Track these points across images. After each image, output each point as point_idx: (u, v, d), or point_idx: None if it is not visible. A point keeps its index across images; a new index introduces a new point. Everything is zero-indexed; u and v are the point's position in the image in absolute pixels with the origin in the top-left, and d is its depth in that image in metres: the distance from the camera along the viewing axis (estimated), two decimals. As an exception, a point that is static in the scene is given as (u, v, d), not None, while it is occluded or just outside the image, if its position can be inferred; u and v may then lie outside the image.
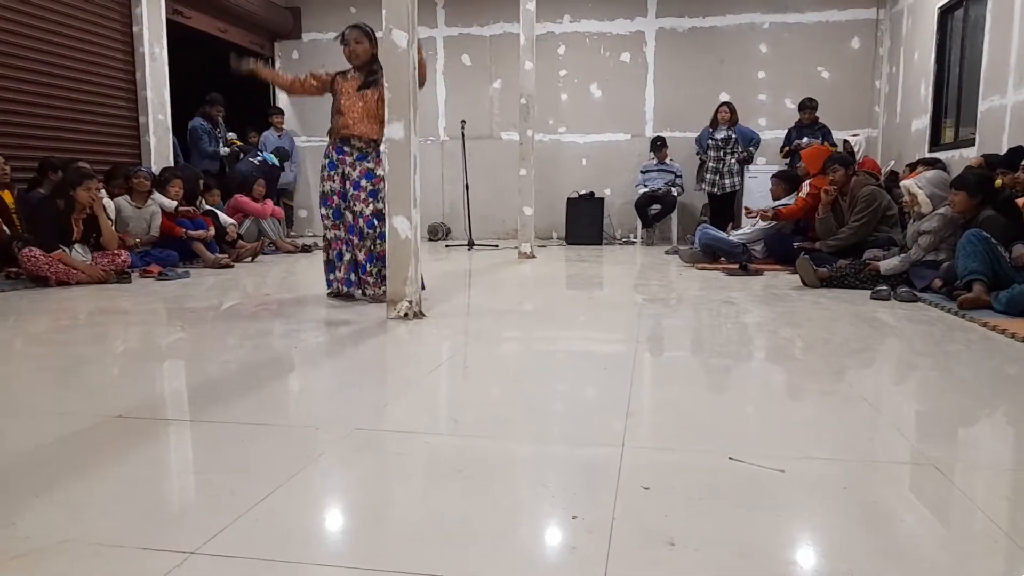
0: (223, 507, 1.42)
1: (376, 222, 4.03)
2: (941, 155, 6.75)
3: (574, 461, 1.72)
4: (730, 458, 1.69)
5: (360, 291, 4.18)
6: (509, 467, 1.68)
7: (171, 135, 7.51)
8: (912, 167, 5.92)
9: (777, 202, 6.16)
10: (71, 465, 1.66)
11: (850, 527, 1.36)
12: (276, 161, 8.12)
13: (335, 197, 4.11)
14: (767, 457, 1.69)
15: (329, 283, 4.26)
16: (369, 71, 4.08)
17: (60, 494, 1.49)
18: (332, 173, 4.11)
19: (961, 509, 1.45)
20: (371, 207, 4.03)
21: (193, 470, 1.71)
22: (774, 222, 5.94)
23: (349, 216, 4.09)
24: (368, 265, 4.09)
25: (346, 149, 4.07)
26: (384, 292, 3.78)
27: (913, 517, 1.42)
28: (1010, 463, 1.75)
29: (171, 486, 1.58)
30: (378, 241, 4.01)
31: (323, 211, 4.18)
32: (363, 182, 4.05)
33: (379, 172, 4.05)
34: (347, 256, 4.14)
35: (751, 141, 7.96)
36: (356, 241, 4.10)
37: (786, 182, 6.23)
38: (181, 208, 5.95)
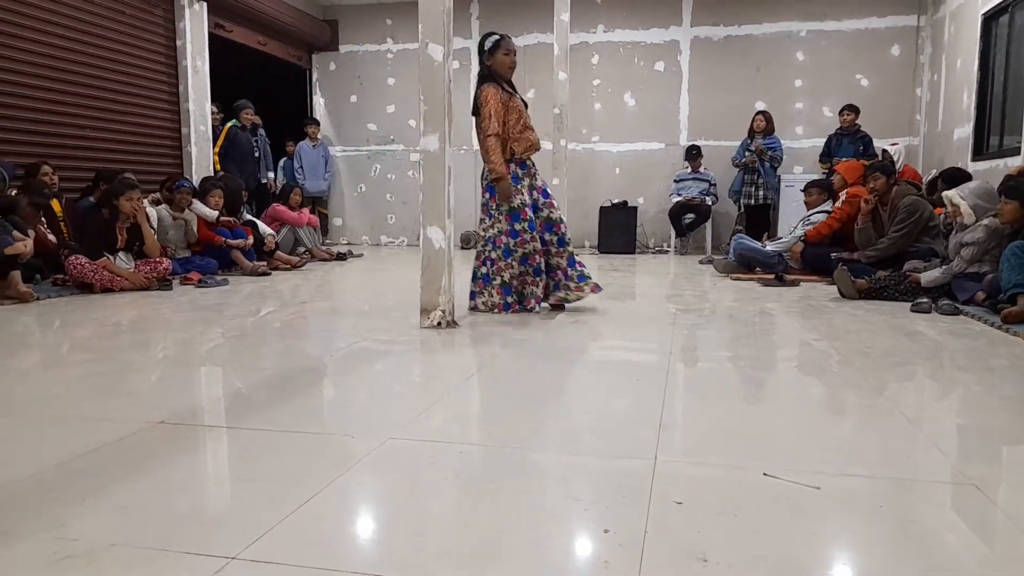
0: (262, 514, 1.45)
1: (562, 226, 4.15)
2: (984, 164, 6.61)
3: (606, 473, 1.72)
4: (764, 474, 1.68)
5: (560, 295, 4.18)
6: (541, 479, 1.69)
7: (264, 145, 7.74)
8: (932, 183, 5.76)
9: (810, 212, 6.07)
10: (116, 470, 1.71)
11: (886, 546, 1.35)
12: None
13: (528, 210, 4.02)
14: (802, 473, 1.68)
15: (520, 296, 4.09)
16: (514, 87, 4.20)
17: (107, 499, 1.54)
18: (520, 187, 4.03)
19: (1003, 530, 1.42)
20: (557, 212, 4.16)
21: (232, 476, 1.75)
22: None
23: (540, 227, 4.09)
24: (570, 270, 4.15)
25: (528, 163, 4.12)
26: (593, 287, 4.16)
27: (953, 537, 1.39)
28: (1055, 484, 1.71)
29: (212, 492, 1.62)
30: (565, 247, 4.14)
31: (516, 226, 4.00)
32: (548, 188, 4.22)
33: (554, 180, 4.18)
34: (543, 271, 4.08)
35: (771, 149, 7.82)
36: (554, 249, 4.13)
37: (821, 190, 6.15)
38: (222, 218, 6.09)
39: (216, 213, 6.06)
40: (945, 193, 4.58)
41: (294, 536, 1.37)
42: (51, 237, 5.14)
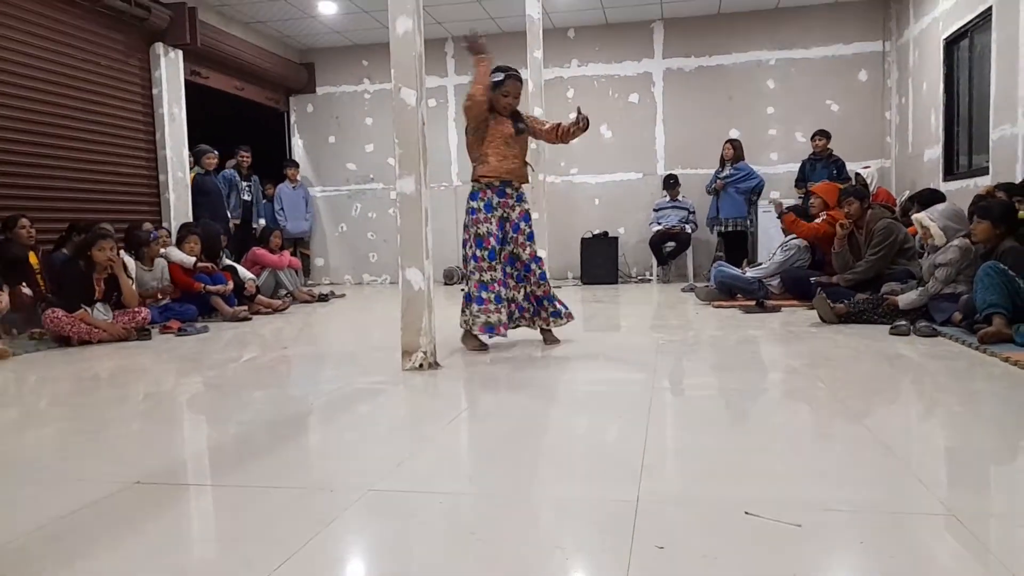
0: (237, 578, 1.43)
1: (533, 265, 4.13)
2: (955, 184, 6.73)
3: (589, 518, 1.71)
4: (746, 513, 1.67)
5: (534, 326, 4.21)
6: (523, 526, 1.67)
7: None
8: (909, 204, 5.86)
9: (788, 238, 6.13)
10: (91, 535, 1.68)
11: (869, 586, 1.34)
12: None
13: (491, 239, 4.04)
14: (784, 509, 1.67)
15: (491, 328, 4.03)
16: (516, 116, 4.20)
17: (80, 566, 1.51)
18: (489, 216, 4.05)
19: (982, 564, 1.42)
20: (528, 249, 4.13)
21: (209, 537, 1.71)
22: (791, 250, 5.93)
23: (506, 259, 4.11)
24: (545, 302, 4.17)
25: (508, 191, 4.10)
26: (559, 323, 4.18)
27: (931, 574, 1.39)
28: (1035, 510, 1.71)
29: (187, 555, 1.59)
30: (540, 282, 4.14)
31: (479, 252, 4.04)
32: (522, 224, 4.14)
33: (532, 213, 4.21)
34: (505, 298, 4.07)
35: (743, 178, 7.91)
36: (513, 283, 4.14)
37: (796, 215, 6.21)
38: (199, 264, 6.05)
39: (192, 259, 6.03)
40: (915, 216, 4.66)
41: (270, 601, 1.34)
42: (26, 291, 5.08)
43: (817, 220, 5.94)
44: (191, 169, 7.64)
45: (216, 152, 7.72)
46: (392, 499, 1.86)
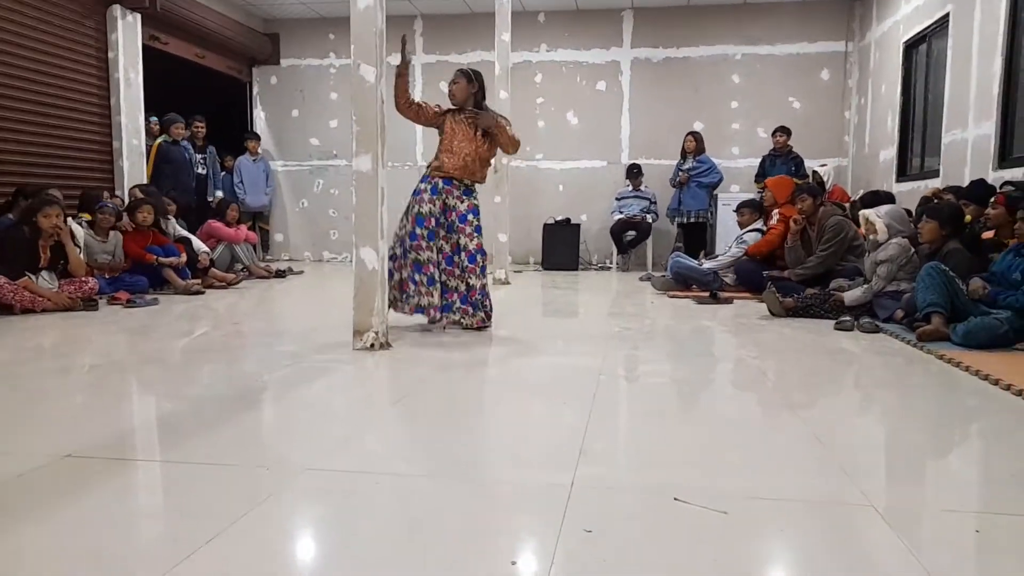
0: (164, 554, 1.42)
1: (478, 257, 4.11)
2: (907, 185, 6.91)
3: (522, 501, 1.73)
4: (675, 499, 1.71)
5: (457, 318, 4.16)
6: (457, 509, 1.69)
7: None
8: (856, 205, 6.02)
9: (744, 231, 6.24)
10: (13, 509, 1.64)
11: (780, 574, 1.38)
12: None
13: (432, 220, 4.07)
14: (713, 497, 1.72)
15: (421, 310, 4.12)
16: (473, 112, 4.17)
17: (2, 538, 1.48)
18: (434, 198, 4.08)
19: (892, 553, 1.47)
20: (475, 241, 4.11)
21: (136, 513, 1.69)
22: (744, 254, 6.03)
23: (446, 246, 4.12)
24: (475, 297, 4.13)
25: (454, 182, 4.12)
26: (479, 321, 4.14)
27: (841, 562, 1.44)
28: (951, 502, 1.78)
29: (113, 532, 1.57)
30: (481, 275, 4.12)
31: (418, 230, 4.06)
32: (470, 216, 4.12)
33: (480, 209, 4.20)
34: (437, 280, 4.10)
35: (705, 172, 8.00)
36: (455, 272, 4.13)
37: (753, 209, 6.32)
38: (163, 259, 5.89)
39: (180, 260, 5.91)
40: (861, 212, 4.79)
41: (193, 577, 1.33)
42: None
43: (772, 221, 6.03)
44: (158, 137, 7.45)
45: (183, 121, 7.54)
46: (327, 479, 1.86)
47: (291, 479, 1.83)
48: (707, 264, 6.27)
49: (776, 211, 6.07)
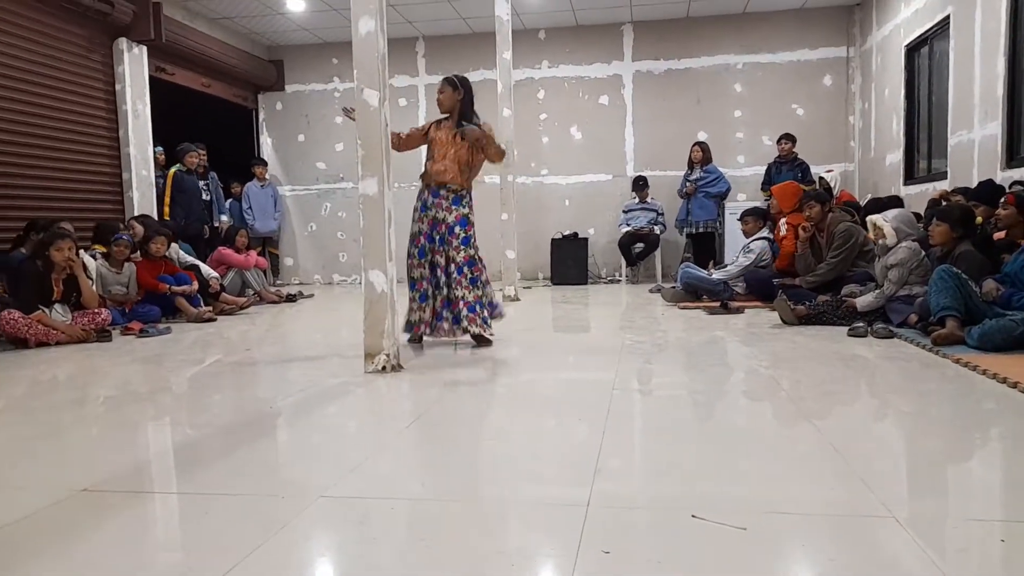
0: (179, 588, 1.41)
1: (466, 268, 4.16)
2: (915, 188, 6.87)
3: (538, 522, 1.72)
4: (693, 516, 1.69)
5: (454, 331, 4.20)
6: (472, 532, 1.68)
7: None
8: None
9: (750, 240, 6.22)
10: (31, 546, 1.65)
11: (807, 588, 1.37)
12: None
13: (422, 238, 4.21)
14: (731, 512, 1.70)
15: (409, 325, 4.29)
16: (460, 119, 4.24)
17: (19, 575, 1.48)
18: (423, 215, 4.23)
19: (918, 565, 1.45)
20: (462, 254, 4.15)
21: (153, 547, 1.69)
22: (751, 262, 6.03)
23: (440, 260, 4.18)
24: (456, 309, 4.17)
25: (442, 192, 4.21)
26: (488, 332, 4.20)
27: (870, 575, 1.42)
28: (975, 511, 1.76)
29: (128, 565, 1.56)
30: (470, 287, 4.15)
31: (411, 249, 4.25)
32: (457, 228, 4.17)
33: (472, 217, 4.24)
34: (431, 297, 4.21)
35: (713, 182, 7.96)
36: (445, 283, 4.19)
37: (757, 217, 6.31)
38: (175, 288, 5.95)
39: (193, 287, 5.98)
40: (869, 217, 4.76)
41: (211, 611, 1.33)
42: (-19, 292, 4.97)
43: (781, 232, 5.99)
44: (172, 166, 7.54)
45: (197, 150, 7.63)
46: (342, 506, 1.85)
47: (305, 507, 1.82)
48: (716, 274, 6.25)
49: (783, 221, 6.04)
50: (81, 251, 5.33)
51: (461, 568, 1.49)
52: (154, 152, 7.60)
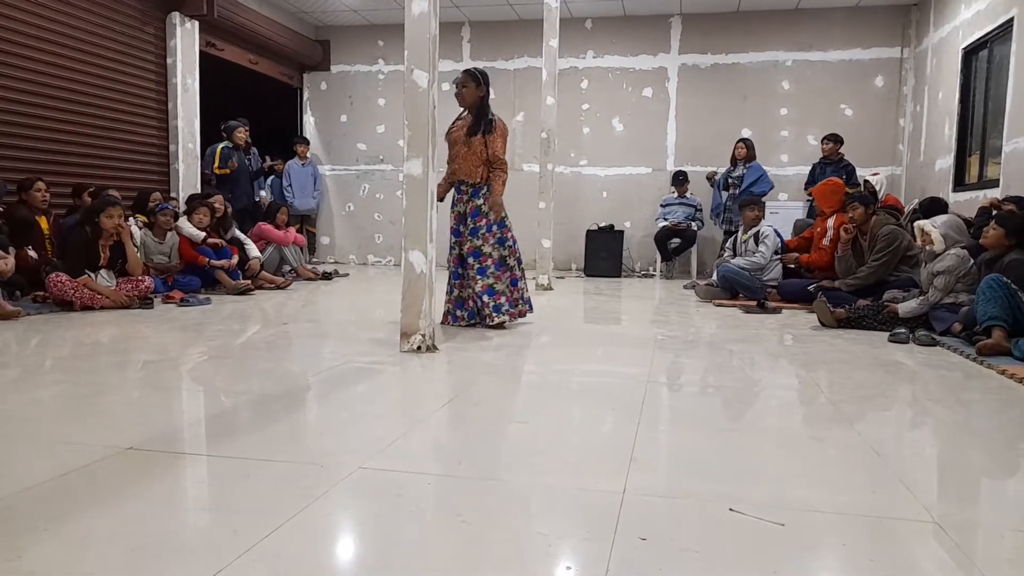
0: (224, 546, 1.45)
1: (471, 259, 4.31)
2: (965, 195, 6.71)
3: (574, 507, 1.73)
4: (731, 509, 1.68)
5: (475, 321, 4.41)
6: (509, 512, 1.69)
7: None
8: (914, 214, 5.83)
9: (758, 227, 6.20)
10: (79, 498, 1.70)
11: (846, 587, 1.35)
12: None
13: (450, 232, 4.47)
14: (769, 508, 1.69)
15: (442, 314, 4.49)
16: (479, 117, 4.32)
17: (67, 527, 1.53)
18: (452, 211, 4.46)
19: (965, 571, 1.43)
20: (467, 244, 4.33)
21: (197, 507, 1.73)
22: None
23: (464, 251, 4.38)
24: (485, 297, 4.31)
25: (462, 188, 4.40)
26: (499, 319, 4.29)
27: (912, 578, 1.40)
28: (1017, 522, 1.72)
29: (174, 523, 1.61)
30: (478, 276, 4.29)
31: (450, 240, 4.51)
32: (469, 219, 4.35)
33: (484, 208, 4.33)
34: (456, 287, 4.44)
35: (754, 183, 7.81)
36: (464, 275, 4.39)
37: (757, 206, 6.41)
38: (209, 240, 6.06)
39: (202, 234, 6.04)
40: (917, 222, 4.65)
41: (254, 571, 1.36)
42: (32, 253, 5.10)
43: (825, 240, 5.86)
44: (221, 144, 7.67)
45: (245, 126, 7.75)
46: (381, 478, 1.88)
47: (344, 476, 1.85)
48: (738, 261, 6.14)
49: (831, 221, 5.85)
50: (130, 219, 5.45)
51: (499, 546, 1.50)
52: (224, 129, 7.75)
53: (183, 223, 6.05)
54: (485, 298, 4.30)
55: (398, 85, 9.47)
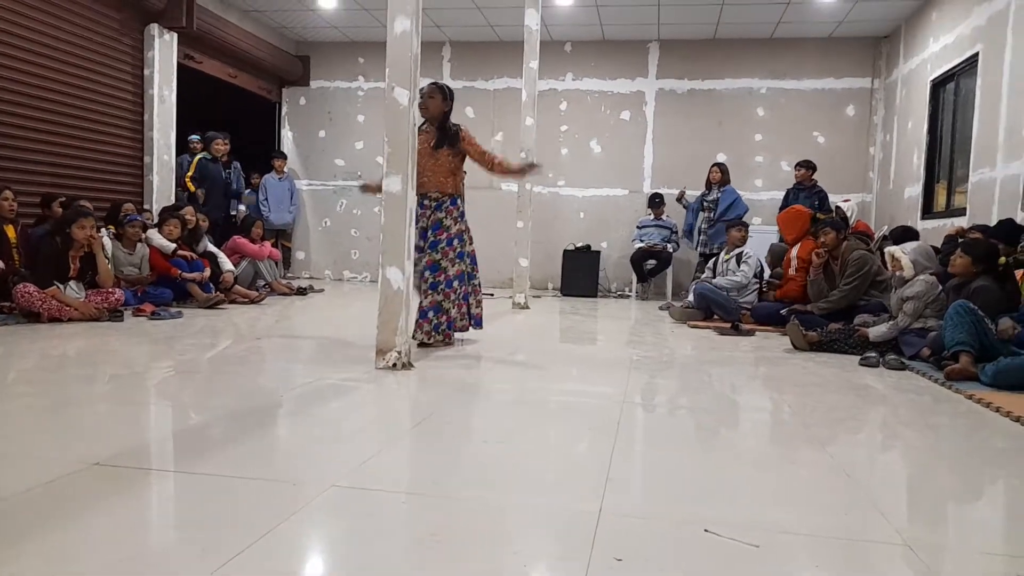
0: (192, 566, 1.41)
1: (427, 273, 4.21)
2: (932, 223, 6.86)
3: (550, 527, 1.72)
4: (706, 530, 1.69)
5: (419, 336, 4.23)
6: (484, 531, 1.68)
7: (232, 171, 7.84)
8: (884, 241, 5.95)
9: (740, 250, 6.30)
10: (45, 515, 1.65)
11: (820, 609, 1.36)
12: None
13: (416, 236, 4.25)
14: (743, 529, 1.69)
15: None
16: (443, 129, 4.28)
17: (31, 545, 1.49)
18: (417, 226, 4.23)
19: (933, 593, 1.44)
20: (425, 258, 4.23)
21: (165, 524, 1.70)
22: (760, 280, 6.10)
23: (420, 266, 4.26)
24: (431, 313, 4.21)
25: (425, 202, 4.28)
26: (434, 339, 4.21)
27: (884, 600, 1.41)
28: (985, 545, 1.74)
29: (141, 541, 1.57)
30: (430, 291, 4.19)
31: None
32: (429, 233, 4.25)
33: (447, 222, 4.25)
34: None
35: (729, 206, 7.91)
36: (425, 288, 4.27)
37: (742, 226, 6.53)
38: (179, 251, 6.00)
39: (172, 245, 5.97)
40: (888, 248, 4.75)
41: (223, 590, 1.33)
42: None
43: (790, 270, 5.96)
44: (198, 153, 7.61)
45: (224, 138, 7.70)
46: (355, 496, 1.86)
47: (318, 494, 1.83)
48: (719, 281, 6.23)
49: (794, 251, 5.95)
50: (102, 230, 5.37)
51: (474, 565, 1.49)
52: (188, 141, 7.69)
53: (153, 234, 5.98)
54: (430, 315, 4.23)
55: (377, 102, 9.49)
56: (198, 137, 7.79)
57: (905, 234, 5.50)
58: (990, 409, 3.16)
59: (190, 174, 7.51)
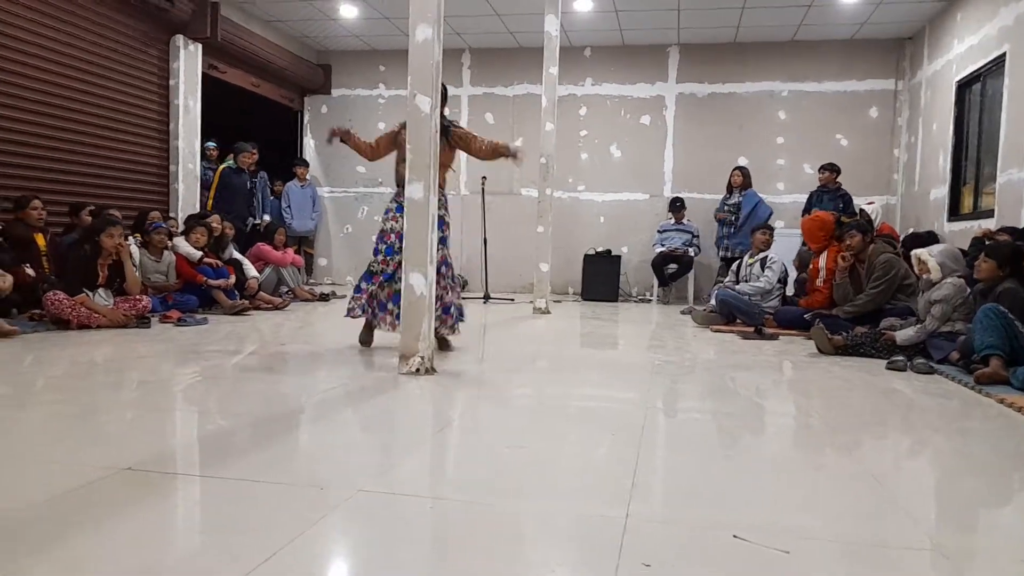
0: (222, 570, 1.43)
1: (444, 268, 4.22)
2: (959, 225, 6.76)
3: (576, 533, 1.71)
4: (735, 536, 1.67)
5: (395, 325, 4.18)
6: (509, 538, 1.68)
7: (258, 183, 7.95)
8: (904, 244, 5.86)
9: (765, 253, 6.25)
10: (76, 519, 1.68)
11: (852, 616, 1.34)
12: None
13: (393, 236, 4.23)
14: (772, 535, 1.67)
15: (349, 311, 4.38)
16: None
17: (62, 550, 1.51)
18: (399, 215, 4.17)
19: (967, 601, 1.42)
20: (439, 254, 4.16)
21: (195, 528, 1.72)
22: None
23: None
24: (390, 304, 4.21)
25: None
26: (457, 332, 4.27)
27: (917, 608, 1.39)
28: (1018, 552, 1.71)
29: (172, 545, 1.59)
30: (450, 286, 4.25)
31: (379, 246, 4.30)
32: (443, 232, 4.23)
33: (447, 219, 4.27)
34: (380, 288, 4.28)
35: (753, 209, 7.86)
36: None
37: (768, 230, 6.47)
38: (206, 259, 6.07)
39: (199, 252, 6.05)
40: (914, 251, 4.69)
41: (253, 593, 1.34)
42: (29, 271, 5.09)
43: (818, 281, 5.87)
44: (216, 162, 7.71)
45: (255, 152, 7.79)
46: (381, 501, 1.86)
47: (344, 500, 1.84)
48: (743, 287, 6.16)
49: (822, 257, 5.86)
50: (129, 238, 5.45)
51: (501, 572, 1.49)
52: (205, 148, 7.78)
53: (179, 241, 6.06)
54: (452, 309, 4.29)
55: (398, 109, 9.54)
56: (214, 144, 7.89)
57: (914, 241, 5.44)
58: (1022, 414, 3.10)
59: (213, 191, 7.59)
